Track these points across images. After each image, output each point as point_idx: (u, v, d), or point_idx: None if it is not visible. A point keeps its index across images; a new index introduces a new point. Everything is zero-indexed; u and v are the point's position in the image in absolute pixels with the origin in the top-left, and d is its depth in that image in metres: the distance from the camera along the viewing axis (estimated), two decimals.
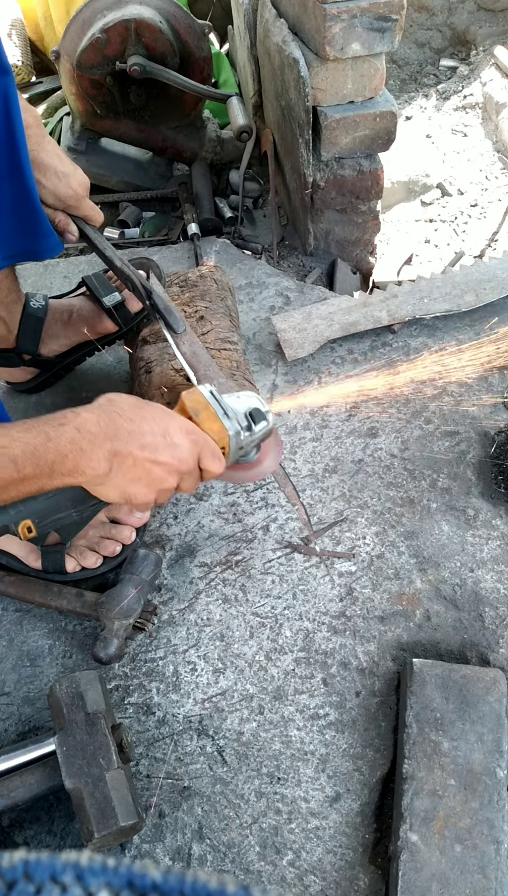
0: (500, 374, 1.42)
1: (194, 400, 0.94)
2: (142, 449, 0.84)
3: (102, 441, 0.81)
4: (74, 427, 0.80)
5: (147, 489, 0.87)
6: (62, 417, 0.82)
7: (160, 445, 0.85)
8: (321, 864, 0.93)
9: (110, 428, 0.82)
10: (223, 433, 0.93)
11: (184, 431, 0.88)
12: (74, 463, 0.80)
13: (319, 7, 1.44)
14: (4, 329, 1.30)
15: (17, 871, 0.25)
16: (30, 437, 0.78)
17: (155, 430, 0.85)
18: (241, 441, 0.95)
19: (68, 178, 1.12)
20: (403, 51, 2.95)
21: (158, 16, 1.79)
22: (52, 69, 2.55)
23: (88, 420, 0.82)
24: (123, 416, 0.84)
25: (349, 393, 1.34)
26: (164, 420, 0.87)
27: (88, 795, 0.87)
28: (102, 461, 0.82)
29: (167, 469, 0.86)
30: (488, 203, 2.26)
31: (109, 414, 0.83)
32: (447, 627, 1.11)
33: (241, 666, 1.09)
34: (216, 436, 0.92)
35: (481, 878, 0.86)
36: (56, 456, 0.79)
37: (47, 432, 0.79)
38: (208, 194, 1.98)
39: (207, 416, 0.93)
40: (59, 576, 1.14)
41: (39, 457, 0.78)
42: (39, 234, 1.15)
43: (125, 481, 0.85)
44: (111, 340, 1.40)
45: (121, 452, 0.83)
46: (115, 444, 0.82)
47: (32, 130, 1.06)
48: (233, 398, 0.97)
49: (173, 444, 0.86)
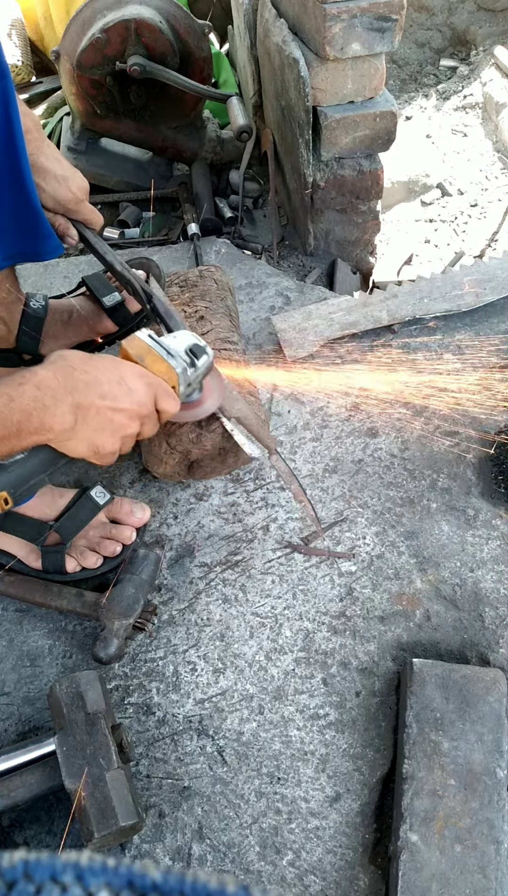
0: (500, 373, 1.42)
1: (135, 346, 0.97)
2: (102, 398, 0.86)
3: (63, 395, 0.83)
4: (34, 384, 0.81)
5: (112, 437, 0.89)
6: (20, 377, 0.82)
7: (118, 393, 0.87)
8: (321, 864, 0.93)
9: (68, 381, 0.83)
10: (172, 372, 0.96)
11: (137, 375, 0.91)
12: (40, 420, 0.81)
13: (319, 7, 1.44)
14: (5, 329, 1.30)
15: (17, 871, 0.25)
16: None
17: (110, 378, 0.87)
18: (188, 377, 0.98)
19: (67, 181, 1.12)
20: (403, 51, 2.95)
21: (158, 16, 1.79)
22: (52, 69, 2.55)
23: (46, 377, 0.82)
24: (78, 369, 0.85)
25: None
26: (116, 368, 0.89)
27: (88, 795, 0.87)
28: (67, 415, 0.83)
29: (128, 414, 0.89)
30: (488, 203, 2.26)
31: (64, 368, 0.85)
32: (447, 627, 1.11)
33: (241, 666, 1.09)
34: (165, 375, 0.95)
35: (481, 878, 0.86)
36: (21, 415, 0.80)
37: (8, 393, 0.80)
38: (208, 194, 1.98)
39: (152, 359, 0.96)
40: (59, 576, 1.14)
41: (5, 417, 0.79)
42: (40, 236, 1.15)
43: (90, 432, 0.87)
44: (111, 340, 1.40)
45: (83, 404, 0.84)
46: (76, 396, 0.83)
47: (32, 135, 1.07)
48: (170, 339, 1.00)
49: (130, 389, 0.88)
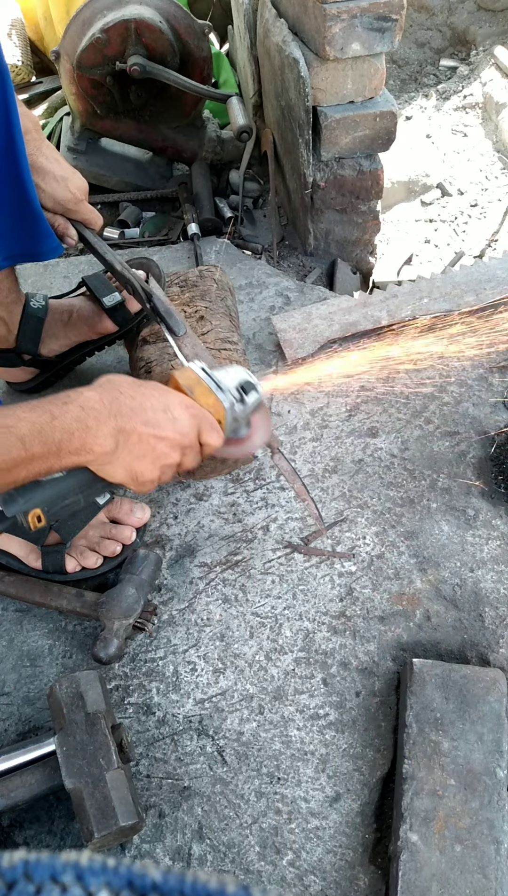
0: (500, 373, 1.42)
1: (186, 377, 0.96)
2: (145, 425, 0.85)
3: (107, 418, 0.82)
4: (79, 405, 0.81)
5: (152, 465, 0.88)
6: (65, 396, 0.82)
7: (162, 420, 0.86)
8: (321, 864, 0.93)
9: (113, 405, 0.83)
10: (219, 406, 0.95)
11: (183, 406, 0.89)
12: (81, 440, 0.81)
13: (319, 7, 1.44)
14: (4, 329, 1.30)
15: (17, 871, 0.25)
16: (35, 416, 0.79)
17: (156, 405, 0.86)
18: (236, 413, 0.97)
19: (67, 181, 1.12)
20: (403, 51, 2.95)
21: (158, 16, 1.79)
22: (52, 69, 2.55)
23: (92, 398, 0.82)
24: (125, 394, 0.85)
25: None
26: (163, 396, 0.88)
27: (88, 795, 0.87)
28: (109, 437, 0.82)
29: (170, 444, 0.88)
30: (488, 203, 2.26)
31: (111, 392, 0.84)
32: (447, 627, 1.11)
33: (241, 666, 1.09)
34: (212, 409, 0.94)
35: (481, 878, 0.86)
36: (63, 434, 0.79)
37: (52, 411, 0.79)
38: (208, 194, 1.98)
39: (201, 391, 0.95)
40: (59, 576, 1.14)
41: (46, 435, 0.78)
42: (39, 236, 1.15)
43: (131, 458, 0.86)
44: (111, 340, 1.40)
45: (125, 429, 0.83)
46: (119, 420, 0.83)
47: (31, 136, 1.07)
48: (222, 372, 0.99)
49: (175, 418, 0.87)
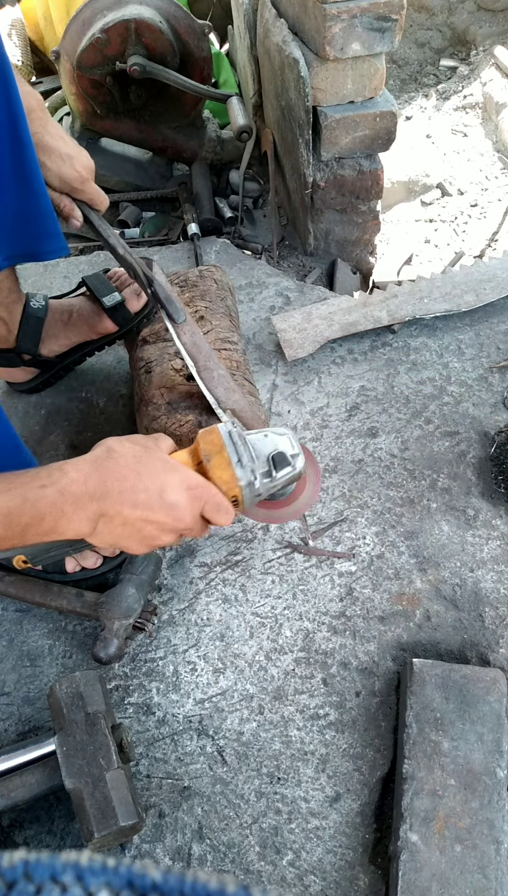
0: (500, 373, 1.42)
1: (208, 441, 0.86)
2: (134, 508, 0.78)
3: (88, 503, 0.76)
4: (58, 490, 0.75)
5: (138, 544, 0.82)
6: (46, 477, 0.76)
7: (154, 504, 0.79)
8: (320, 864, 0.93)
9: (99, 489, 0.77)
10: (232, 483, 0.84)
11: (183, 487, 0.81)
12: (53, 524, 0.75)
13: (319, 7, 1.44)
14: (4, 329, 1.30)
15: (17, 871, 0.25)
16: (5, 500, 0.73)
17: (150, 487, 0.79)
18: (256, 490, 0.86)
19: (73, 160, 1.10)
20: (403, 51, 2.95)
21: (158, 16, 1.79)
22: (52, 69, 2.55)
23: (75, 481, 0.76)
24: (116, 475, 0.78)
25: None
26: (162, 475, 0.80)
27: (88, 795, 0.87)
28: (84, 522, 0.77)
29: (160, 527, 0.81)
30: (488, 203, 2.26)
31: (100, 471, 0.78)
32: (447, 627, 1.11)
33: (241, 666, 1.09)
34: (225, 486, 0.84)
35: (481, 878, 0.86)
36: (31, 519, 0.74)
37: (25, 495, 0.74)
38: (208, 194, 1.98)
39: (218, 462, 0.84)
40: (59, 576, 1.14)
41: (13, 519, 0.73)
42: (44, 236, 1.15)
43: (113, 537, 0.80)
44: (111, 340, 1.40)
45: (108, 513, 0.77)
46: (102, 504, 0.77)
47: (36, 114, 1.05)
48: (259, 437, 0.88)
49: (170, 503, 0.80)
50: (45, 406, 1.45)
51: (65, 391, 1.47)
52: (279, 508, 0.96)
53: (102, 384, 1.48)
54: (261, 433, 0.89)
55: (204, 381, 1.11)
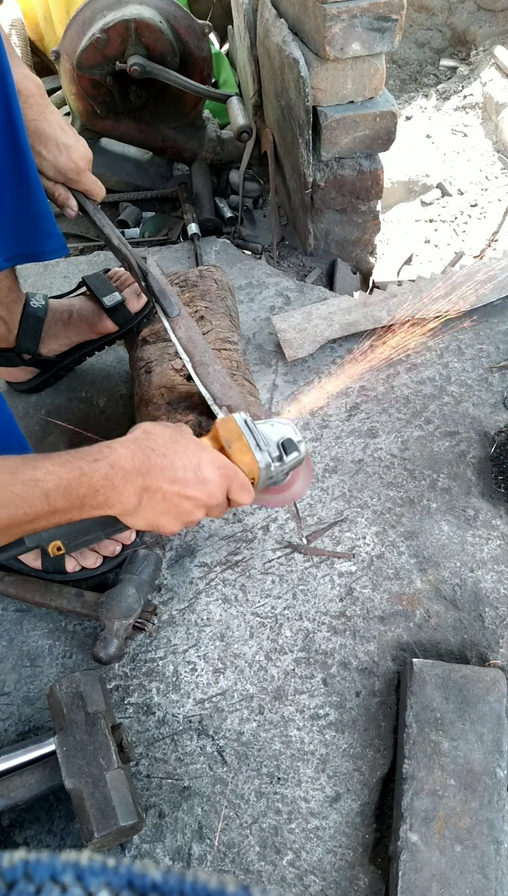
0: (500, 373, 1.42)
1: (227, 429, 0.94)
2: (172, 483, 0.84)
3: (135, 477, 0.82)
4: (109, 463, 0.81)
5: (175, 520, 0.88)
6: (98, 452, 0.82)
7: (191, 480, 0.86)
8: (321, 864, 0.93)
9: (144, 464, 0.82)
10: (254, 465, 0.93)
11: (215, 466, 0.88)
12: (105, 497, 0.81)
13: (319, 7, 1.44)
14: (5, 329, 1.30)
15: (17, 871, 0.25)
16: (65, 472, 0.78)
17: (187, 464, 0.86)
18: (271, 472, 0.96)
19: (70, 149, 1.09)
20: (403, 51, 2.95)
21: (158, 16, 1.79)
22: (52, 69, 2.54)
23: (123, 456, 0.82)
24: (157, 451, 0.84)
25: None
26: (196, 454, 0.87)
27: (88, 795, 0.87)
28: (133, 496, 0.82)
29: (195, 503, 0.87)
30: (488, 203, 2.26)
31: (144, 449, 0.84)
32: (447, 627, 1.11)
33: (241, 666, 1.09)
34: (247, 467, 0.93)
35: (481, 878, 0.86)
36: (88, 490, 0.79)
37: (82, 468, 0.79)
38: (208, 194, 1.98)
39: (239, 447, 0.93)
40: (59, 576, 1.14)
41: (72, 491, 0.78)
42: (43, 236, 1.14)
43: (154, 514, 0.86)
44: (111, 340, 1.40)
45: (151, 487, 0.83)
46: (146, 479, 0.83)
47: (35, 99, 1.04)
48: (267, 426, 0.98)
49: (204, 479, 0.87)
50: (45, 406, 1.45)
51: (65, 391, 1.47)
52: (279, 493, 1.04)
53: (102, 384, 1.48)
54: (268, 423, 0.99)
55: (200, 377, 1.11)
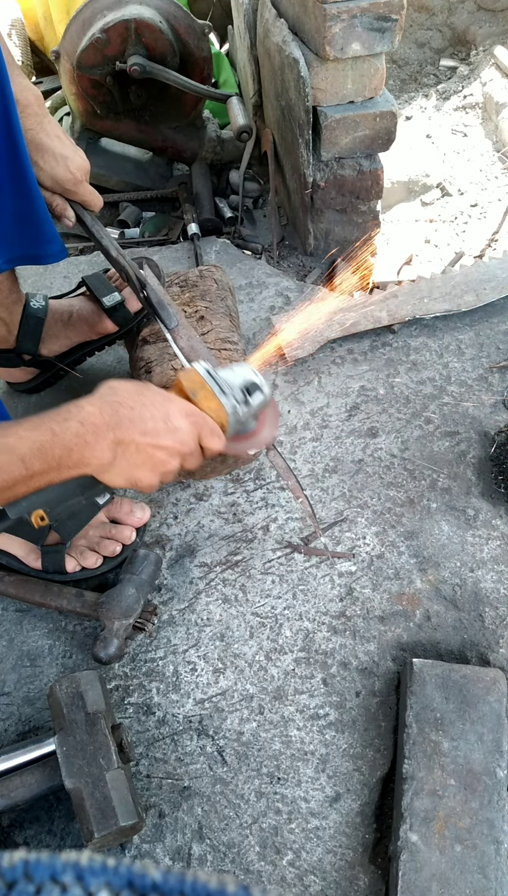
0: (500, 373, 1.42)
1: (190, 380, 0.96)
2: (144, 435, 0.86)
3: (105, 431, 0.84)
4: (78, 421, 0.82)
5: (151, 472, 0.90)
6: (66, 412, 0.84)
7: (161, 430, 0.88)
8: (321, 864, 0.93)
9: (113, 418, 0.84)
10: (221, 410, 0.95)
11: (183, 414, 0.90)
12: (80, 455, 0.83)
13: (319, 7, 1.44)
14: (5, 330, 1.30)
15: (17, 871, 0.25)
16: (36, 435, 0.80)
17: (156, 415, 0.88)
18: (239, 416, 0.97)
19: (67, 160, 1.09)
20: (403, 51, 2.95)
21: (158, 16, 1.79)
22: (52, 69, 2.54)
23: (92, 413, 0.84)
24: (124, 405, 0.86)
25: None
26: (163, 405, 0.90)
27: (88, 795, 0.87)
28: (106, 451, 0.84)
29: (169, 452, 0.89)
30: (488, 203, 2.26)
31: (111, 404, 0.86)
32: (447, 627, 1.11)
33: (241, 666, 1.09)
34: (214, 413, 0.95)
35: (481, 878, 0.86)
36: (62, 451, 0.81)
37: (53, 428, 0.81)
38: (208, 194, 1.98)
39: (204, 395, 0.95)
40: (59, 576, 1.14)
41: (46, 453, 0.80)
42: (43, 240, 1.14)
43: (129, 467, 0.88)
44: (111, 340, 1.40)
45: (123, 440, 0.85)
46: (117, 433, 0.84)
47: (33, 109, 1.04)
48: (228, 372, 0.99)
49: (174, 427, 0.89)
50: (45, 406, 1.44)
51: (65, 391, 1.47)
52: (249, 439, 1.05)
53: None
54: (227, 369, 0.99)
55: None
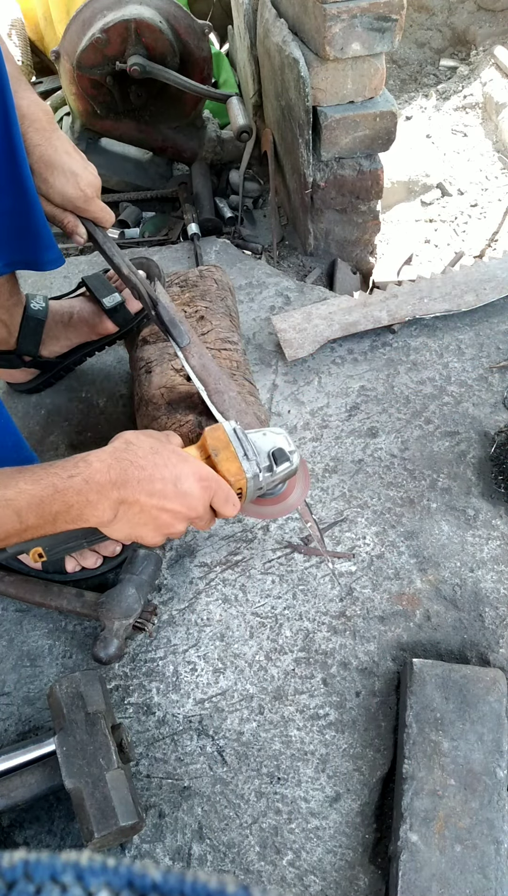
0: (500, 373, 1.42)
1: (215, 438, 0.93)
2: (150, 496, 0.83)
3: (110, 490, 0.81)
4: (83, 479, 0.80)
5: (154, 532, 0.87)
6: (73, 467, 0.81)
7: (170, 493, 0.84)
8: (321, 864, 0.93)
9: (120, 477, 0.81)
10: (240, 475, 0.91)
11: (197, 477, 0.87)
12: (79, 512, 0.80)
13: (319, 7, 1.44)
14: (5, 331, 1.30)
15: (17, 871, 0.25)
16: (37, 490, 0.78)
17: (166, 476, 0.84)
18: (260, 482, 0.94)
19: (77, 177, 1.07)
20: (403, 51, 2.95)
21: (158, 16, 1.79)
22: (52, 69, 2.55)
23: (99, 470, 0.81)
24: (135, 464, 0.83)
25: None
26: (177, 466, 0.86)
27: (88, 795, 0.87)
28: (108, 510, 0.82)
29: (175, 516, 0.86)
30: (488, 203, 2.26)
31: (122, 462, 0.82)
32: (447, 627, 1.11)
33: (241, 666, 1.09)
34: (233, 477, 0.91)
35: (481, 878, 0.86)
36: (61, 507, 0.79)
37: (55, 484, 0.79)
38: (208, 194, 1.98)
39: (225, 456, 0.91)
40: (59, 576, 1.14)
41: (44, 508, 0.78)
42: (41, 247, 1.13)
43: (130, 526, 0.85)
44: (111, 341, 1.40)
45: (127, 500, 0.82)
46: (122, 492, 0.81)
47: (42, 124, 1.03)
48: (258, 435, 0.96)
49: (183, 492, 0.85)
50: (45, 406, 1.45)
51: (65, 391, 1.47)
52: (272, 505, 1.03)
53: (102, 384, 1.48)
54: (260, 432, 0.96)
55: (215, 405, 1.12)
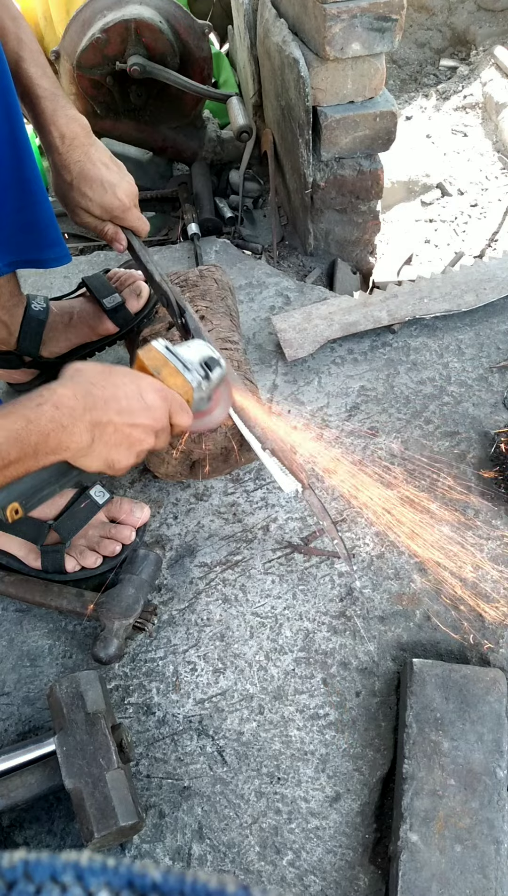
0: (500, 373, 1.42)
1: (151, 357, 0.95)
2: (119, 414, 0.85)
3: (82, 413, 0.82)
4: (53, 404, 0.80)
5: (128, 452, 0.88)
6: (38, 397, 0.81)
7: (136, 408, 0.86)
8: (321, 864, 0.93)
9: (88, 399, 0.82)
10: (187, 386, 0.94)
11: (154, 390, 0.89)
12: (57, 440, 0.81)
13: (319, 7, 1.44)
14: (6, 332, 1.30)
15: (17, 871, 0.25)
16: (10, 423, 0.78)
17: (129, 393, 0.86)
18: (202, 391, 0.97)
19: (115, 188, 1.10)
20: (403, 51, 2.95)
21: (158, 16, 1.79)
22: (52, 69, 2.54)
23: (65, 395, 0.82)
24: (97, 385, 0.84)
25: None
26: (134, 382, 0.88)
27: (88, 795, 0.87)
28: (85, 433, 0.82)
29: (144, 430, 0.88)
30: (488, 203, 2.26)
31: (83, 385, 0.84)
32: (447, 627, 1.11)
33: (241, 666, 1.09)
34: (180, 389, 0.94)
35: (481, 878, 0.86)
36: (39, 437, 0.79)
37: (27, 415, 0.79)
38: (208, 194, 1.98)
39: (168, 371, 0.94)
40: (59, 576, 1.14)
41: (23, 440, 0.78)
42: (46, 245, 1.14)
43: (106, 448, 0.86)
44: (112, 341, 1.40)
45: (101, 422, 0.83)
46: (93, 414, 0.83)
47: (80, 140, 1.05)
48: (185, 348, 0.98)
49: (148, 405, 0.87)
50: None
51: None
52: (204, 417, 1.04)
53: None
54: (184, 346, 0.99)
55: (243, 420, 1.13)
